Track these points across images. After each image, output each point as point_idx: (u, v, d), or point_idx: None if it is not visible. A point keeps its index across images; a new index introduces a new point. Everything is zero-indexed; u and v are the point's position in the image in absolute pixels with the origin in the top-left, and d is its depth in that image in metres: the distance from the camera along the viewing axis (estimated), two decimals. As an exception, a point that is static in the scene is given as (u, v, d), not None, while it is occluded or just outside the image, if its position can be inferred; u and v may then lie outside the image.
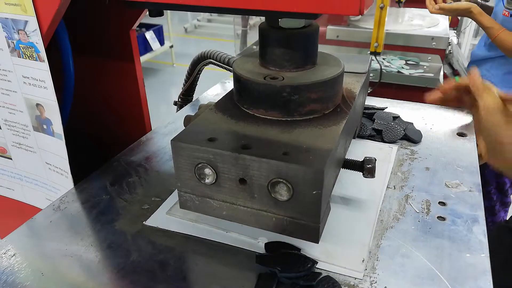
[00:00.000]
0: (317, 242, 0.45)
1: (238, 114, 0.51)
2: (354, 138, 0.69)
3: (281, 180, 0.42)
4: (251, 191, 0.45)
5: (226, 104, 0.54)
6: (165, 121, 0.83)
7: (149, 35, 4.02)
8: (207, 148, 0.44)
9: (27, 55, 0.56)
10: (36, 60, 0.56)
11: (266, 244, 0.51)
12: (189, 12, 5.55)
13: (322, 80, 0.49)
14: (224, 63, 0.87)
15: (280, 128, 0.48)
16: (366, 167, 0.53)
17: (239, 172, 0.44)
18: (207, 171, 0.45)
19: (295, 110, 0.49)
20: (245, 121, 0.50)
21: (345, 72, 0.55)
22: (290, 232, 0.46)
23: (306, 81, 0.48)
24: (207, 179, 0.46)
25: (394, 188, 0.61)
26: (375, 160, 0.53)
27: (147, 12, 0.66)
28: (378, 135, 0.74)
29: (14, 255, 0.51)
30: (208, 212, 0.49)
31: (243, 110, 0.52)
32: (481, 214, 0.56)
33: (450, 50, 1.79)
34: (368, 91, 1.61)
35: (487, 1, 1.89)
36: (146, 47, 3.97)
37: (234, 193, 0.46)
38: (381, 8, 1.50)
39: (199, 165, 0.45)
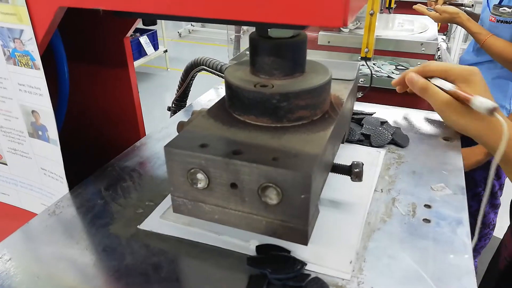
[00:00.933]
0: (306, 244, 0.47)
1: (230, 120, 0.53)
2: (343, 143, 0.71)
3: (271, 184, 0.43)
4: (242, 195, 0.46)
5: (218, 110, 0.56)
6: (159, 126, 0.84)
7: (144, 40, 4.04)
8: (199, 154, 0.45)
9: (22, 63, 0.57)
10: (31, 68, 0.57)
11: (257, 247, 0.52)
12: (182, 17, 5.56)
13: (310, 88, 0.51)
14: (217, 70, 0.89)
15: (270, 134, 0.50)
16: (353, 171, 0.54)
17: (230, 177, 0.45)
18: (199, 176, 0.47)
19: (284, 117, 0.51)
20: (236, 127, 0.51)
21: (333, 79, 0.56)
22: (280, 235, 0.47)
23: (295, 89, 0.50)
24: (199, 184, 0.47)
25: (382, 191, 0.63)
26: (363, 164, 0.54)
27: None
28: (366, 140, 0.76)
29: (9, 259, 0.52)
30: (200, 216, 0.50)
31: (235, 116, 0.53)
32: (465, 216, 0.58)
33: (439, 55, 1.82)
34: (359, 96, 1.64)
35: (472, 9, 1.93)
36: (140, 52, 3.98)
37: (225, 197, 0.47)
38: (371, 14, 1.52)
39: (192, 170, 0.47)
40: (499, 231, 2.22)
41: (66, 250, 0.53)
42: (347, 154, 0.72)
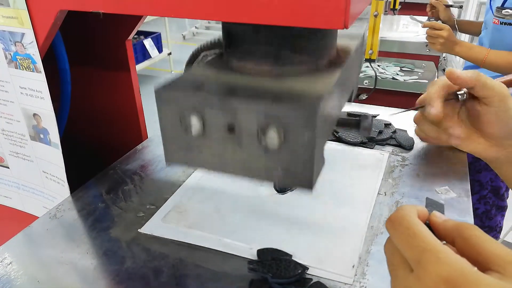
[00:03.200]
0: (311, 189, 0.43)
1: (228, 67, 0.49)
2: (350, 101, 0.63)
3: (271, 124, 0.40)
4: (240, 139, 0.42)
5: (215, 60, 0.52)
6: (161, 129, 0.84)
7: (148, 43, 4.05)
8: (193, 94, 0.42)
9: (24, 66, 0.57)
10: (33, 71, 0.57)
11: (258, 251, 0.52)
12: (186, 20, 5.58)
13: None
14: (215, 44, 0.86)
15: (271, 78, 0.45)
16: (362, 125, 0.51)
17: (227, 119, 0.41)
18: (194, 120, 0.43)
19: (287, 61, 0.47)
20: (235, 73, 0.47)
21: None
22: (282, 181, 0.43)
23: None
24: (194, 129, 0.43)
25: (385, 194, 0.62)
26: (372, 117, 0.51)
27: (144, 20, 0.67)
28: (369, 142, 0.75)
29: (10, 263, 0.52)
30: (196, 165, 0.46)
31: (233, 63, 0.49)
32: (469, 219, 0.57)
33: (444, 57, 1.81)
34: (363, 98, 1.63)
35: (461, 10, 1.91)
36: (144, 55, 3.99)
37: (222, 142, 0.43)
38: (375, 16, 1.52)
39: (185, 114, 0.43)
40: (506, 234, 2.20)
41: (67, 254, 0.53)
42: (349, 156, 0.72)
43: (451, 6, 1.86)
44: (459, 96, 0.57)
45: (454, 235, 0.34)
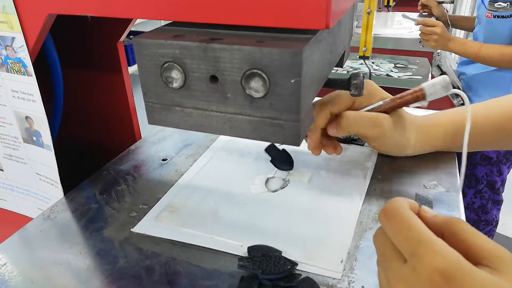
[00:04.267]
0: (298, 145, 0.41)
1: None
2: (341, 66, 0.62)
3: (256, 70, 0.38)
4: (223, 90, 0.41)
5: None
6: (155, 129, 0.85)
7: (143, 43, 4.03)
8: (173, 42, 0.40)
9: (15, 70, 0.58)
10: (24, 74, 0.58)
11: (248, 248, 0.52)
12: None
13: None
14: None
15: (255, 27, 0.42)
16: (352, 83, 0.50)
17: (209, 67, 0.40)
18: (174, 72, 0.41)
19: None
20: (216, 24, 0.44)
21: None
22: (268, 136, 0.42)
23: None
24: (175, 82, 0.42)
25: (375, 190, 0.63)
26: (363, 76, 0.50)
27: (138, 21, 0.68)
28: (359, 139, 0.76)
29: (4, 264, 0.52)
30: (178, 124, 0.45)
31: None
32: (457, 214, 0.58)
33: (438, 53, 1.82)
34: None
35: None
36: (138, 56, 3.98)
37: (205, 95, 0.42)
38: (368, 13, 1.53)
39: (165, 65, 0.41)
40: (502, 228, 2.21)
41: (60, 254, 0.54)
42: (340, 153, 0.73)
43: (443, 2, 1.87)
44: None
45: (443, 229, 0.35)
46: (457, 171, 0.67)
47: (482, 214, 1.83)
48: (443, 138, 0.67)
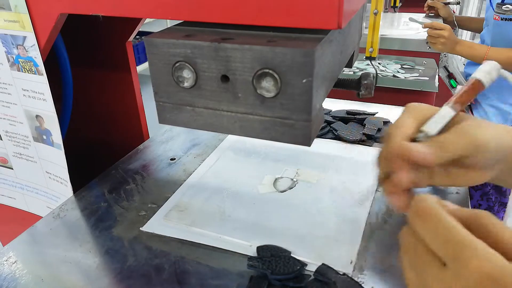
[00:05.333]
0: (309, 145, 0.41)
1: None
2: (350, 67, 0.61)
3: (267, 70, 0.38)
4: (234, 90, 0.41)
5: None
6: (163, 128, 0.85)
7: (149, 43, 4.04)
8: (184, 41, 0.40)
9: (26, 69, 0.58)
10: (35, 73, 0.58)
11: (257, 247, 0.52)
12: (188, 19, 5.59)
13: None
14: None
15: (266, 27, 0.42)
16: (363, 83, 0.49)
17: (221, 67, 0.40)
18: (186, 72, 0.42)
19: None
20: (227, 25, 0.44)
21: None
22: (278, 137, 0.42)
23: None
24: (186, 82, 0.42)
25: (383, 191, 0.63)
26: (374, 76, 0.49)
27: (145, 21, 0.68)
28: (368, 140, 0.76)
29: (15, 262, 0.53)
30: (189, 123, 0.45)
31: None
32: (467, 215, 0.58)
33: (445, 54, 1.81)
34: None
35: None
36: (145, 56, 3.99)
37: (216, 95, 0.42)
38: (375, 14, 1.52)
39: (177, 65, 0.42)
40: (509, 230, 2.19)
41: (70, 253, 0.54)
42: (348, 154, 0.72)
43: (449, 3, 1.86)
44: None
45: (469, 223, 0.32)
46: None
47: (488, 216, 1.81)
48: None
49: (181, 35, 0.42)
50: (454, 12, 1.94)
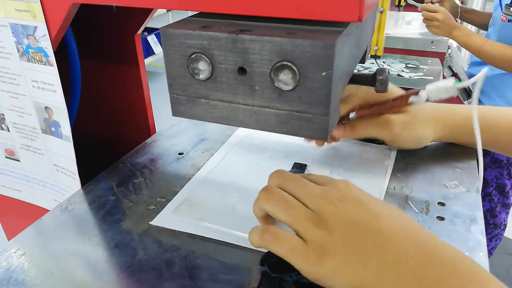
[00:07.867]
0: (327, 139, 0.41)
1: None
2: (363, 62, 0.61)
3: (286, 62, 0.38)
4: (251, 82, 0.40)
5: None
6: (168, 124, 0.85)
7: (151, 39, 4.05)
8: (201, 33, 0.39)
9: (36, 59, 0.58)
10: (45, 64, 0.57)
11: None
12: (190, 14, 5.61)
13: None
14: None
15: (284, 19, 0.41)
16: (378, 79, 0.49)
17: (238, 59, 0.39)
18: (202, 64, 0.41)
19: None
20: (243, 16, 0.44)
21: None
22: (295, 131, 0.41)
23: None
24: (202, 74, 0.41)
25: (394, 189, 0.63)
26: (389, 71, 0.50)
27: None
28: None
29: (23, 254, 0.52)
30: (203, 116, 0.44)
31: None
32: (479, 214, 0.57)
33: (449, 53, 1.81)
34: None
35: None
36: (148, 51, 3.99)
37: (232, 88, 0.41)
38: (381, 12, 1.51)
39: (193, 56, 0.41)
40: (510, 232, 2.20)
41: (78, 246, 0.53)
42: (356, 152, 0.72)
43: None
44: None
45: None
46: (477, 171, 0.67)
47: (490, 218, 1.82)
48: (458, 128, 0.70)
49: (197, 26, 0.41)
50: (461, 3, 1.93)
